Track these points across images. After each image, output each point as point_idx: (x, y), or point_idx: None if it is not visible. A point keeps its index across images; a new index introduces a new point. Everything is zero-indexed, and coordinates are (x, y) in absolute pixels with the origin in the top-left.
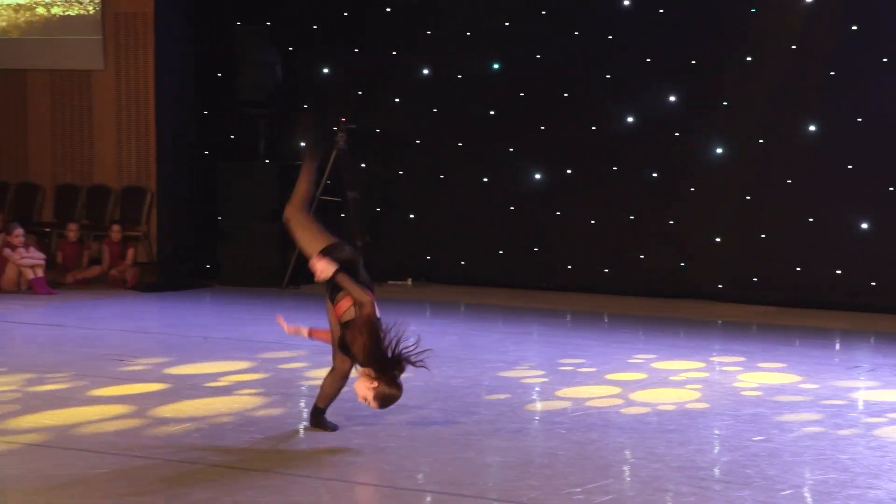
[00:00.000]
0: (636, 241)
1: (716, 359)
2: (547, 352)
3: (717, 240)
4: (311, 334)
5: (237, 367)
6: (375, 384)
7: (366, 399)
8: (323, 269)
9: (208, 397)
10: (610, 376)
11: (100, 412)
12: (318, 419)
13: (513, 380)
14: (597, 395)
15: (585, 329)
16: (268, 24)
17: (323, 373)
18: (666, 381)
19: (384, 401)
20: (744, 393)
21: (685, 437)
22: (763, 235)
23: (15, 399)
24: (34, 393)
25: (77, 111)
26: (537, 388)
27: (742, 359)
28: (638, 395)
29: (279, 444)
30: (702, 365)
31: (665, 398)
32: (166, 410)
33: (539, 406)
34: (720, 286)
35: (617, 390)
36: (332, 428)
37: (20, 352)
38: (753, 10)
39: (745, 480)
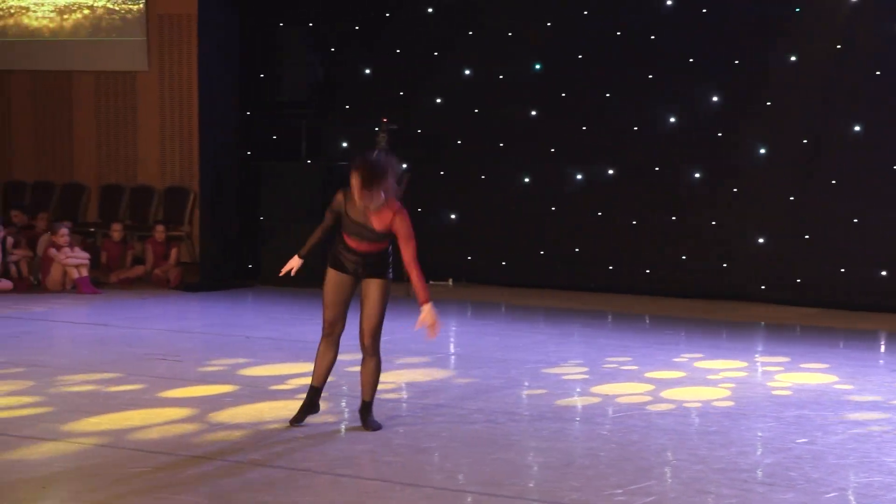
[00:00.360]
0: (678, 241)
1: (759, 360)
2: (588, 353)
3: (760, 241)
4: (425, 301)
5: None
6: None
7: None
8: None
9: (268, 400)
10: (650, 376)
11: (154, 413)
12: (365, 415)
13: (554, 381)
14: (637, 396)
15: (627, 330)
16: (310, 24)
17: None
18: (707, 382)
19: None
20: (787, 395)
21: (727, 439)
22: (807, 237)
23: (63, 400)
24: (83, 393)
25: (121, 112)
26: (578, 389)
27: (785, 360)
28: (678, 396)
29: (320, 444)
30: (744, 366)
31: (706, 399)
32: (220, 413)
33: (580, 407)
34: (763, 287)
35: (656, 390)
36: (376, 427)
37: (66, 351)
38: (798, 10)
39: (789, 483)
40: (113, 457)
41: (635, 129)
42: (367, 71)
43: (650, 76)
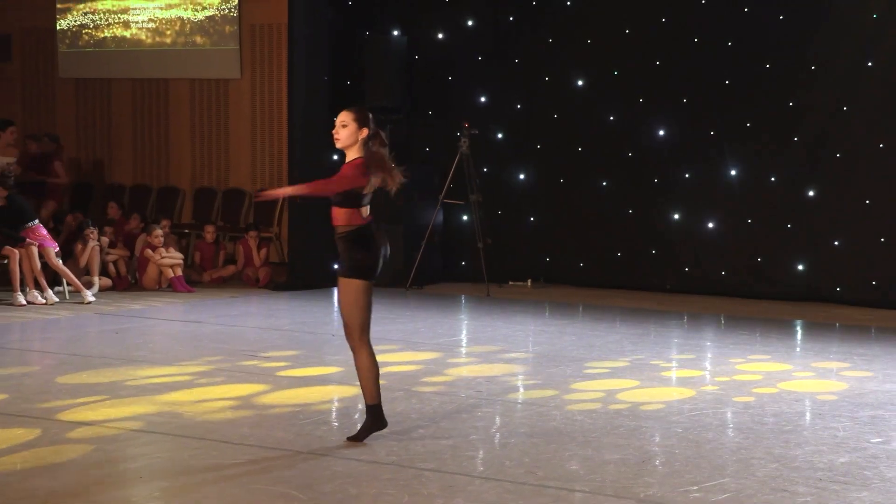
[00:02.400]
0: (754, 243)
1: (833, 361)
2: (664, 353)
3: (836, 243)
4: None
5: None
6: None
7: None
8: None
9: (356, 396)
10: (724, 376)
11: (245, 409)
12: (376, 423)
13: (630, 380)
14: (712, 394)
15: (703, 331)
16: (395, 33)
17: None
18: (781, 382)
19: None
20: (861, 395)
21: (802, 438)
22: (882, 239)
23: (156, 392)
24: (172, 384)
25: (215, 118)
26: (654, 388)
27: (860, 361)
28: (752, 396)
29: (403, 440)
30: (819, 367)
31: (780, 399)
32: (307, 408)
33: (656, 405)
34: (838, 289)
35: (731, 390)
36: (363, 437)
37: (164, 347)
38: (875, 16)
39: (864, 482)
40: (205, 449)
41: (711, 133)
42: (450, 77)
43: (727, 81)
